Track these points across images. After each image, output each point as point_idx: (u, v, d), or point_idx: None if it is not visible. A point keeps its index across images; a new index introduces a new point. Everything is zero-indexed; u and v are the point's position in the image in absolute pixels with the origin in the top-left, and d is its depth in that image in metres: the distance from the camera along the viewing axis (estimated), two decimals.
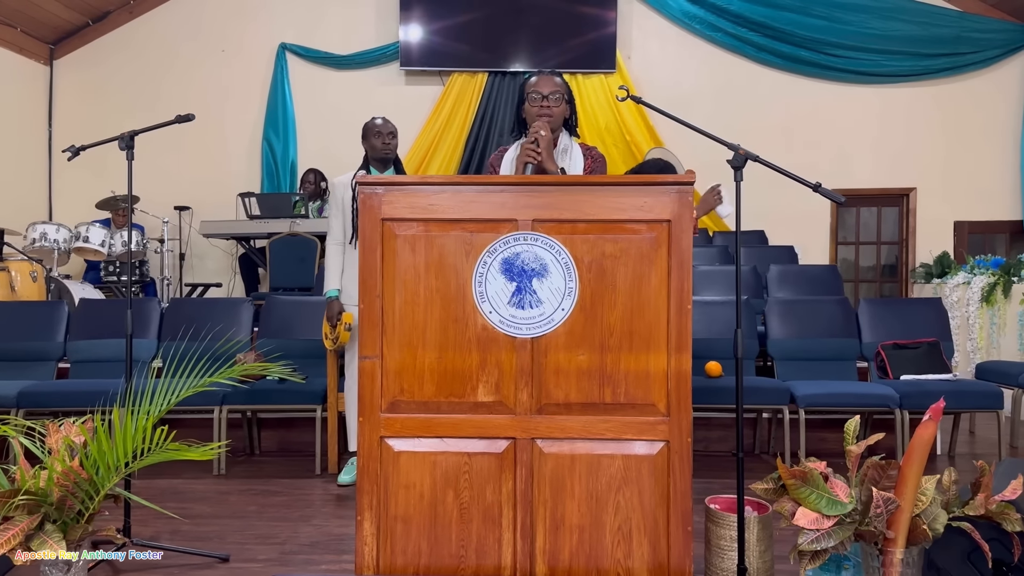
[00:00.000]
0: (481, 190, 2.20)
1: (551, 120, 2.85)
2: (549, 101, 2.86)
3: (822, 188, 2.29)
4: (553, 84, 2.88)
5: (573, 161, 2.93)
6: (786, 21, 7.69)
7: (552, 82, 2.89)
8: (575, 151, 2.95)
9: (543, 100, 2.86)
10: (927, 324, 4.65)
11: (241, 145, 8.11)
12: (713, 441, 4.59)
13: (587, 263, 2.17)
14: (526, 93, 2.91)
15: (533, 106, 2.87)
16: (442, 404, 2.20)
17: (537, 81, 2.89)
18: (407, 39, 7.88)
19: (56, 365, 4.71)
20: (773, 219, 7.31)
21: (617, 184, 2.18)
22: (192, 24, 8.15)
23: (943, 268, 7.01)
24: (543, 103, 2.86)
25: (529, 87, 2.90)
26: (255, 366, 2.74)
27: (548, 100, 2.86)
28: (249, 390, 4.14)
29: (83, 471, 2.30)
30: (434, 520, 2.18)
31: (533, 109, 2.87)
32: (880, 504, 2.13)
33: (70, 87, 8.22)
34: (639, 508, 2.14)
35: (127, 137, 2.87)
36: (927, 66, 7.70)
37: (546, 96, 2.86)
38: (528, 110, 2.90)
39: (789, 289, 5.47)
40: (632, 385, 2.16)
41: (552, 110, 2.86)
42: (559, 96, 2.88)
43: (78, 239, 6.40)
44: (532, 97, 2.87)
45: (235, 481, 4.04)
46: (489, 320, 2.17)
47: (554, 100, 2.87)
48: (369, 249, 2.20)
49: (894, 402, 4.02)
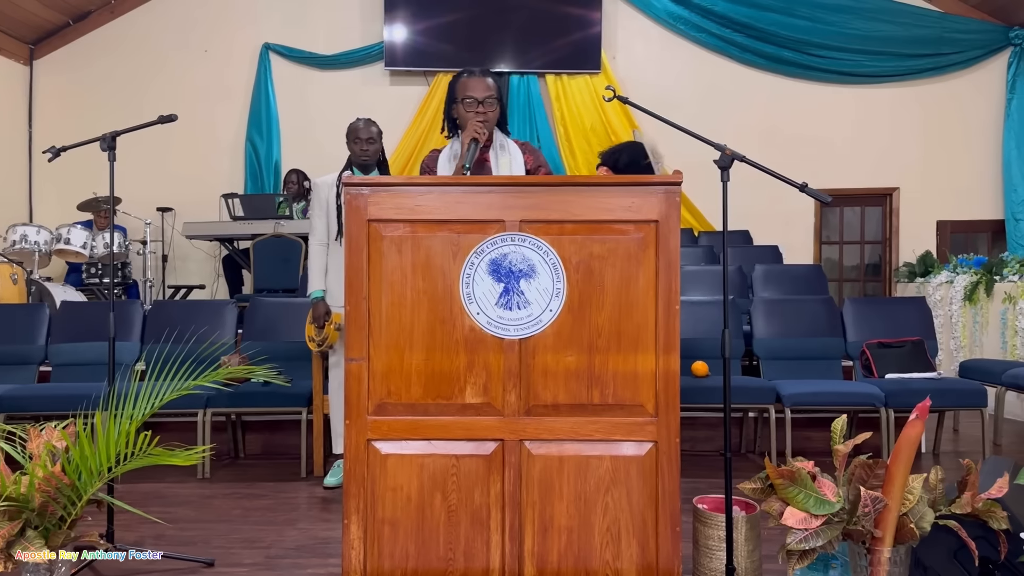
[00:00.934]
0: (468, 191, 2.18)
1: (487, 124, 2.83)
2: (484, 106, 2.85)
3: (808, 188, 2.29)
4: (487, 88, 2.86)
5: (512, 157, 2.93)
6: (769, 22, 7.73)
7: (485, 85, 2.86)
8: (512, 147, 2.95)
9: (478, 105, 2.84)
10: (911, 323, 4.68)
11: (224, 146, 8.05)
12: (700, 440, 4.60)
13: (575, 264, 2.16)
14: (458, 96, 2.87)
15: (468, 111, 2.84)
16: (429, 406, 2.18)
17: (470, 84, 2.86)
18: (392, 39, 7.86)
19: (37, 369, 4.65)
20: (758, 219, 7.34)
21: (605, 184, 2.18)
22: (175, 24, 8.09)
23: (926, 267, 7.05)
24: (478, 108, 2.84)
25: (462, 90, 2.87)
26: (239, 369, 2.71)
27: (483, 105, 2.84)
28: (233, 393, 4.10)
29: (65, 477, 2.27)
30: (421, 523, 2.16)
31: (468, 114, 2.84)
32: (868, 503, 2.13)
33: (51, 87, 8.14)
34: (628, 509, 2.14)
35: (109, 138, 2.84)
36: (909, 66, 7.76)
37: (481, 101, 2.84)
38: (461, 113, 2.86)
39: (774, 289, 5.49)
40: (620, 386, 2.15)
41: (487, 115, 2.85)
42: (493, 100, 2.87)
43: (59, 241, 6.34)
44: (467, 102, 2.85)
45: (220, 485, 4.01)
46: (477, 321, 2.16)
47: (489, 105, 2.85)
48: (355, 251, 2.18)
49: (879, 401, 4.03)
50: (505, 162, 2.90)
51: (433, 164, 2.96)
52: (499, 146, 2.94)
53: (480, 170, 2.91)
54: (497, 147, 2.94)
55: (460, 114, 2.87)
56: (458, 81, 2.90)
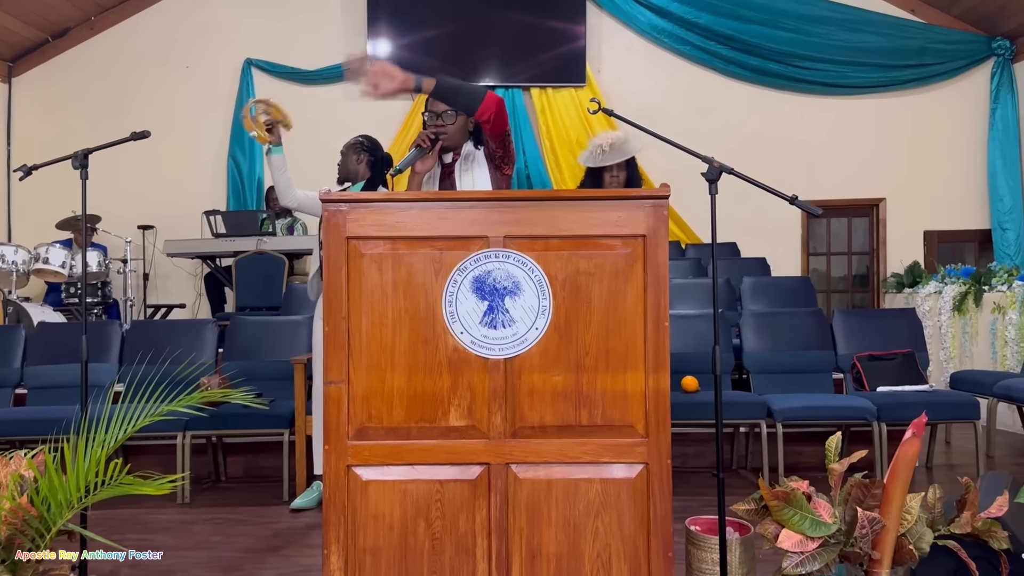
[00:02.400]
0: (450, 206, 2.11)
1: (447, 138, 2.84)
2: (443, 120, 2.85)
3: (799, 201, 2.24)
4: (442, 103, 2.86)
5: (479, 166, 2.90)
6: (753, 34, 7.73)
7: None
8: (479, 156, 2.92)
9: (436, 119, 2.85)
10: (901, 335, 4.64)
11: (206, 162, 7.96)
12: (690, 457, 4.53)
13: (561, 280, 2.09)
14: (424, 110, 2.90)
15: (430, 124, 2.85)
16: (412, 429, 2.10)
17: (431, 99, 2.85)
18: (375, 54, 7.80)
19: (12, 392, 4.54)
20: (744, 231, 7.31)
21: (591, 199, 2.11)
22: (155, 40, 8.01)
23: (914, 278, 7.03)
24: (438, 122, 2.84)
25: (426, 104, 2.88)
26: (214, 393, 2.63)
27: (442, 119, 2.85)
28: (214, 414, 4.00)
29: (32, 508, 2.17)
30: (404, 552, 2.08)
31: (429, 128, 2.85)
32: (865, 524, 2.07)
33: (30, 105, 8.04)
34: (618, 534, 2.06)
35: (80, 155, 2.76)
36: (893, 77, 7.78)
37: (440, 115, 2.84)
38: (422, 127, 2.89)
39: (763, 301, 5.44)
40: (609, 406, 2.08)
41: (447, 128, 2.85)
42: (452, 114, 2.85)
43: (37, 260, 6.22)
44: (428, 116, 2.86)
45: (199, 510, 3.90)
46: (460, 341, 2.08)
47: (448, 118, 2.85)
48: (334, 269, 2.11)
49: (871, 415, 3.98)
50: (468, 176, 2.87)
51: None
52: (464, 156, 2.93)
53: (446, 183, 2.90)
54: (462, 158, 2.93)
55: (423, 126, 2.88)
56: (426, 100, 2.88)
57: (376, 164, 3.98)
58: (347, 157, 3.96)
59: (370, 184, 3.93)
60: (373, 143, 4.04)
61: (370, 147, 3.99)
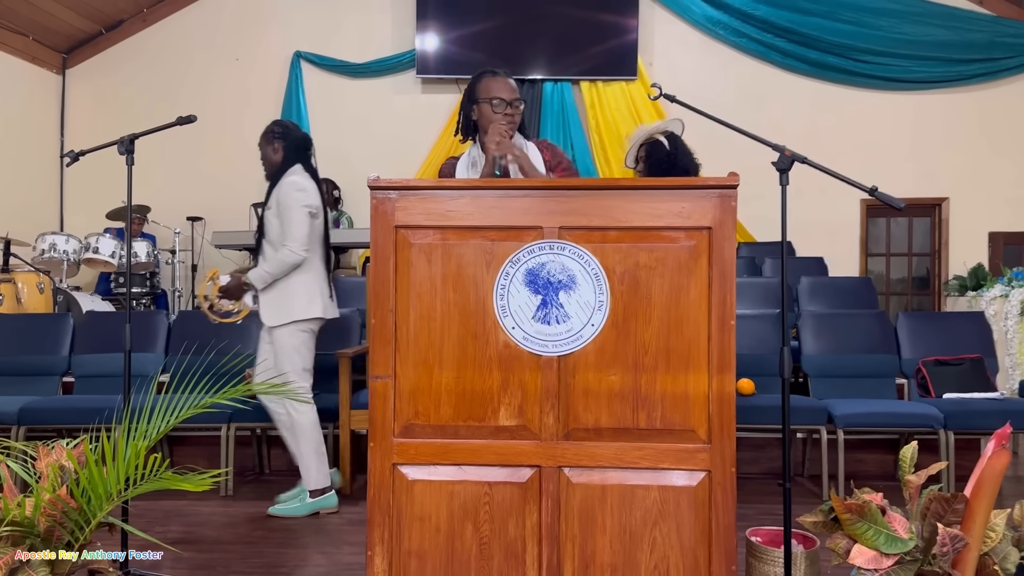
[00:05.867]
0: (503, 195, 2.01)
1: (512, 127, 2.70)
2: (512, 108, 2.71)
3: (879, 192, 2.09)
4: (512, 89, 2.74)
5: (533, 156, 2.76)
6: (813, 26, 7.48)
7: (511, 87, 2.74)
8: (530, 147, 2.79)
9: (507, 107, 2.70)
10: (968, 339, 4.42)
11: (255, 154, 7.88)
12: (745, 463, 4.35)
13: (619, 274, 1.97)
14: (481, 97, 2.72)
15: (497, 112, 2.70)
16: (460, 428, 2.01)
17: (496, 86, 2.72)
18: (423, 47, 7.74)
19: (60, 380, 4.55)
20: (800, 230, 7.04)
21: (652, 188, 1.99)
22: (206, 32, 8.04)
23: (978, 280, 6.75)
24: (507, 110, 2.70)
25: (486, 91, 2.72)
26: (258, 386, 2.56)
27: (511, 107, 2.70)
28: (258, 407, 3.95)
29: (72, 500, 2.12)
30: (451, 556, 1.98)
31: (496, 115, 2.69)
32: (947, 542, 1.92)
33: (82, 96, 8.13)
34: (677, 545, 1.94)
35: (127, 141, 2.72)
36: (960, 72, 7.46)
37: (510, 103, 2.70)
38: (487, 115, 2.71)
39: (821, 302, 5.25)
40: (669, 409, 1.96)
41: (515, 118, 2.72)
42: (519, 101, 2.74)
43: (88, 250, 6.27)
44: (495, 104, 2.70)
45: (242, 503, 3.86)
46: (512, 336, 1.98)
47: (515, 107, 2.72)
48: (381, 259, 2.01)
49: (938, 422, 3.79)
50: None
51: (451, 172, 2.80)
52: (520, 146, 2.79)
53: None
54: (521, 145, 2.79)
55: (484, 115, 2.71)
56: (480, 81, 2.75)
57: (290, 148, 3.80)
58: (263, 149, 3.83)
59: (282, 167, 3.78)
60: (284, 127, 3.88)
61: (281, 133, 3.83)
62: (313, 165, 3.86)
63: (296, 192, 3.64)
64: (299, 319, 3.65)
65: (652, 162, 3.53)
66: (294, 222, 3.60)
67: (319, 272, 3.74)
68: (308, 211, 3.64)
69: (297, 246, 3.59)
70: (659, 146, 3.53)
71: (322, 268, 3.76)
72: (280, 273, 3.62)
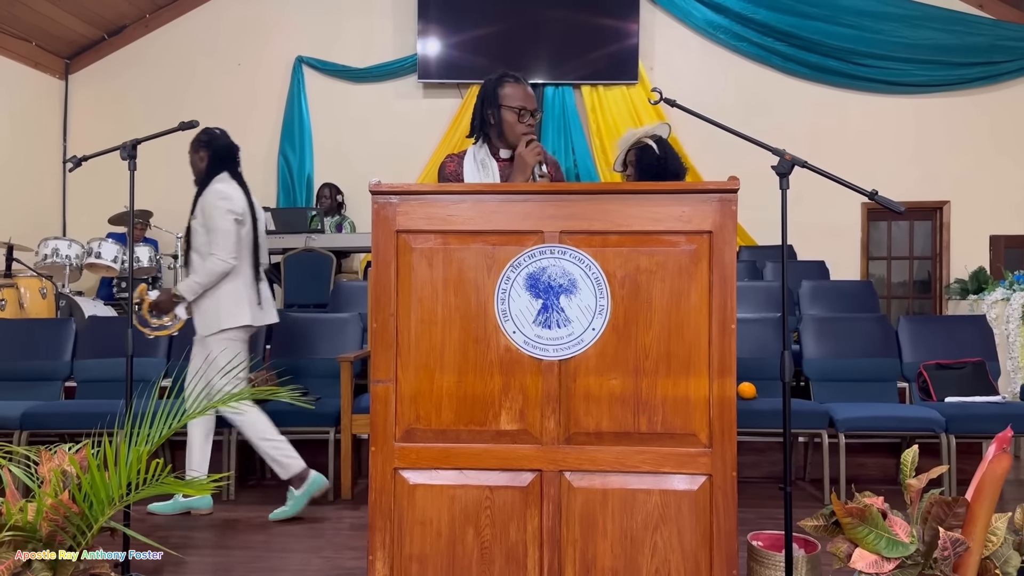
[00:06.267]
0: (504, 199, 2.01)
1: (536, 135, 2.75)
2: (534, 119, 2.74)
3: (879, 196, 2.10)
4: (534, 98, 2.77)
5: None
6: (813, 30, 7.48)
7: (532, 96, 2.76)
8: None
9: (530, 117, 2.72)
10: (970, 343, 4.42)
11: (257, 159, 7.97)
12: (746, 467, 4.35)
13: (620, 278, 1.98)
14: (505, 103, 2.72)
15: (522, 122, 2.71)
16: (461, 432, 2.01)
17: (520, 94, 2.73)
18: (425, 52, 7.75)
19: (62, 385, 4.56)
20: (801, 233, 7.05)
21: (653, 192, 2.00)
22: (208, 38, 8.06)
23: (979, 284, 6.74)
24: (530, 120, 2.72)
25: (511, 99, 2.72)
26: (262, 390, 2.57)
27: (532, 117, 2.73)
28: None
29: (74, 505, 2.13)
30: (452, 561, 1.98)
31: (520, 127, 2.70)
32: (947, 545, 1.92)
33: (85, 101, 8.15)
34: (679, 549, 1.94)
35: (129, 146, 2.73)
36: (960, 75, 7.46)
37: (532, 113, 2.73)
38: (509, 122, 2.72)
39: (822, 306, 5.24)
40: (670, 413, 1.96)
41: (536, 126, 2.77)
42: (538, 111, 2.80)
43: (90, 255, 6.28)
44: (522, 113, 2.71)
45: (244, 508, 3.87)
46: (513, 341, 1.98)
47: (536, 116, 2.76)
48: (383, 264, 2.02)
49: (940, 426, 3.79)
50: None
51: (457, 170, 2.76)
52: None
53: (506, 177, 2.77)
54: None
55: (507, 121, 2.71)
56: (503, 86, 2.75)
57: (215, 157, 3.80)
58: (191, 156, 3.83)
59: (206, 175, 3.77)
60: (210, 135, 3.86)
61: (207, 140, 3.83)
62: (240, 172, 3.86)
63: (220, 200, 3.64)
64: (227, 327, 3.65)
65: (643, 167, 3.51)
66: (219, 230, 3.60)
67: (247, 279, 3.73)
68: (234, 218, 3.64)
69: (224, 254, 3.59)
70: (649, 151, 3.51)
71: (251, 275, 3.76)
72: (209, 283, 3.63)
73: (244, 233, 3.71)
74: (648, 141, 3.54)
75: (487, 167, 2.71)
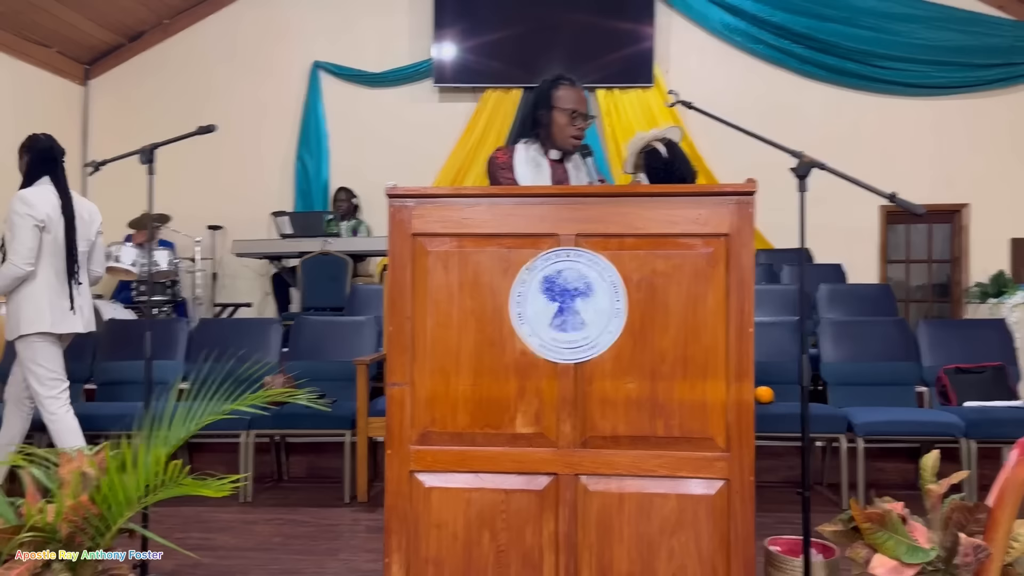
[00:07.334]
0: (519, 202, 2.02)
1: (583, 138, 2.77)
2: (585, 123, 2.76)
3: (898, 198, 2.08)
4: (587, 104, 2.80)
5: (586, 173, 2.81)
6: (831, 32, 7.44)
7: (587, 101, 2.79)
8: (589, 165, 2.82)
9: (582, 121, 2.75)
10: (990, 347, 4.38)
11: (275, 164, 8.03)
12: (763, 471, 4.29)
13: (636, 281, 1.97)
14: (560, 105, 2.74)
15: (573, 125, 2.74)
16: (477, 436, 2.01)
17: (574, 97, 2.75)
18: (440, 56, 7.77)
19: (82, 387, 4.59)
20: (819, 236, 6.99)
21: (669, 195, 1.99)
22: (226, 43, 8.11)
23: (999, 287, 6.67)
24: (581, 124, 2.75)
25: (566, 102, 2.74)
26: (277, 392, 2.58)
27: (585, 122, 2.76)
28: (277, 414, 3.97)
29: (93, 506, 2.14)
30: (468, 564, 1.98)
31: (571, 130, 2.74)
32: (969, 552, 1.90)
33: (105, 107, 8.22)
34: (695, 554, 1.93)
35: (148, 151, 2.75)
36: (980, 77, 7.39)
37: (584, 117, 2.75)
38: (560, 124, 2.74)
39: (839, 309, 5.21)
40: (687, 416, 1.95)
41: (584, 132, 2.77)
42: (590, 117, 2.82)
43: (109, 259, 6.32)
44: (574, 116, 2.73)
45: (261, 509, 3.88)
46: (528, 344, 1.98)
47: (588, 122, 2.78)
48: (399, 267, 2.03)
49: (959, 431, 3.75)
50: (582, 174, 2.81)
51: (509, 164, 2.75)
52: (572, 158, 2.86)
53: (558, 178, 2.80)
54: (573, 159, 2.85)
55: (558, 123, 2.74)
56: (558, 88, 2.78)
57: (34, 161, 3.74)
58: (18, 162, 3.78)
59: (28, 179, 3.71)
60: (32, 140, 3.80)
61: (28, 146, 3.78)
62: (62, 176, 3.78)
63: (20, 206, 3.58)
64: (25, 333, 3.60)
65: (649, 170, 3.51)
66: (16, 237, 3.56)
67: (50, 285, 3.65)
68: (33, 223, 3.56)
69: (19, 259, 3.55)
70: (655, 154, 3.50)
71: (56, 281, 3.67)
72: (5, 287, 3.61)
73: (49, 239, 3.63)
74: (656, 144, 3.54)
75: (541, 166, 2.73)
